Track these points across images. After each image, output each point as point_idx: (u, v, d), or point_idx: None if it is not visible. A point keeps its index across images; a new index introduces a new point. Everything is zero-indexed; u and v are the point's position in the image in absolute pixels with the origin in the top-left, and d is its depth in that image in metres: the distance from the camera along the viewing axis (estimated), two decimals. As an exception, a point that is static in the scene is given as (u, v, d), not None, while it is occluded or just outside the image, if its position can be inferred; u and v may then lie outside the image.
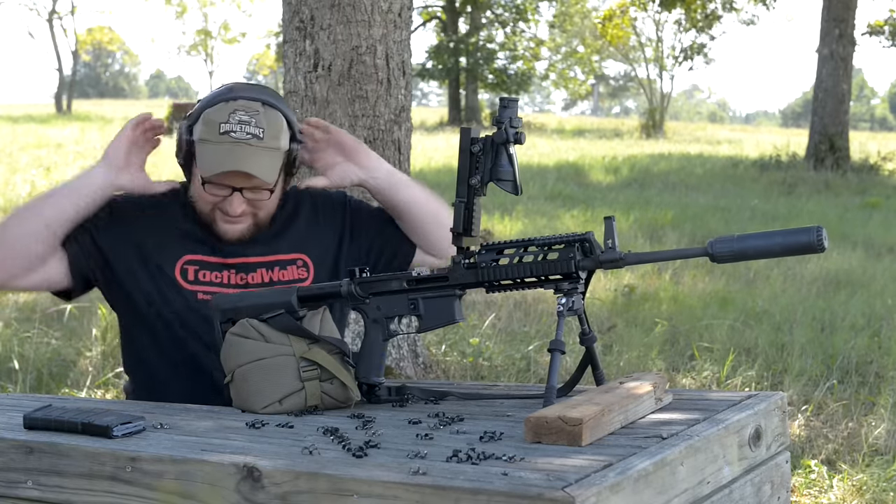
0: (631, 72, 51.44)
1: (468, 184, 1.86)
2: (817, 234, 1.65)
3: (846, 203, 13.32)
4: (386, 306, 1.97)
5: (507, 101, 1.84)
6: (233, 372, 1.97)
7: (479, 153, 1.84)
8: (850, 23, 17.28)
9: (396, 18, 3.51)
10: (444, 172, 14.77)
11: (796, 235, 1.67)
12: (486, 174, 1.85)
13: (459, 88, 32.96)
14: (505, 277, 1.84)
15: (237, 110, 2.14)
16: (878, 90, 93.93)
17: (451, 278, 1.90)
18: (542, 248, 1.82)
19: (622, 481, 1.38)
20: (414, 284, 1.94)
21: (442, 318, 1.93)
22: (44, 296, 6.37)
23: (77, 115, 33.28)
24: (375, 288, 1.98)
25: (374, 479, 1.42)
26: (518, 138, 1.83)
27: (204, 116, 2.16)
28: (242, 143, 2.12)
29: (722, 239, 1.71)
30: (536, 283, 1.84)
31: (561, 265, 1.79)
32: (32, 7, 56.05)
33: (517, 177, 1.85)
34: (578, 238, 1.79)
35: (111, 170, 2.22)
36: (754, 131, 38.32)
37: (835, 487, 3.38)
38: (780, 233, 1.68)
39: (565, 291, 1.80)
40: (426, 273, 1.93)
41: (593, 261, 1.78)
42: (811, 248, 1.65)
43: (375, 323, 1.98)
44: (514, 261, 1.83)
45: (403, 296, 1.95)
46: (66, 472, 1.68)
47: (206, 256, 2.23)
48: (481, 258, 1.86)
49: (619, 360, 4.85)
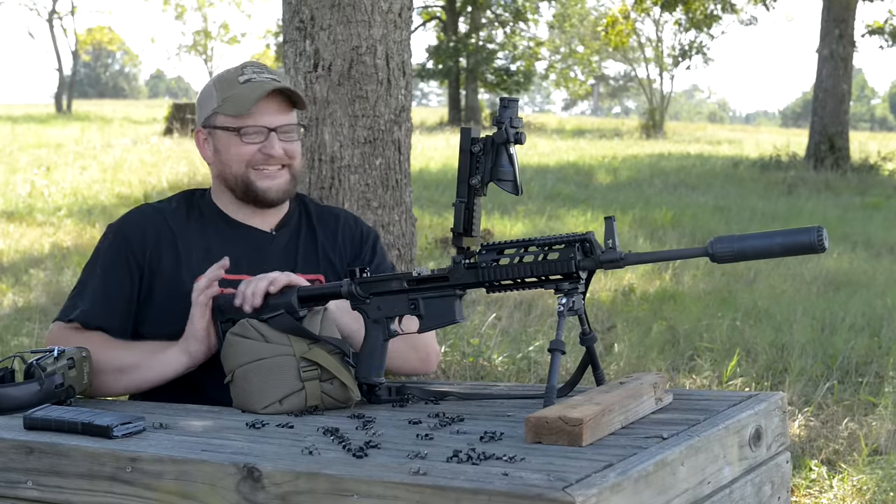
0: (631, 72, 51.45)
1: (468, 184, 1.86)
2: (818, 235, 1.64)
3: (846, 203, 13.32)
4: (386, 306, 1.97)
5: (507, 101, 1.84)
6: (233, 372, 1.97)
7: (480, 153, 1.84)
8: (850, 23, 17.28)
9: (396, 18, 3.51)
10: (444, 172, 14.77)
11: (797, 236, 1.66)
12: (487, 174, 1.84)
13: (459, 88, 32.95)
14: (505, 277, 1.84)
15: (247, 66, 2.24)
16: (878, 90, 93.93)
17: (451, 278, 1.90)
18: (542, 249, 1.82)
19: (623, 481, 1.38)
20: (414, 284, 1.94)
21: (443, 318, 1.93)
22: (44, 296, 6.37)
23: (77, 115, 33.27)
24: (376, 288, 1.97)
25: (374, 479, 1.42)
26: (518, 138, 1.83)
27: (216, 85, 2.23)
28: (268, 80, 2.20)
29: (722, 239, 1.70)
30: (537, 283, 1.83)
31: (561, 265, 1.79)
32: (32, 7, 56.03)
33: (517, 177, 1.85)
34: (579, 238, 1.79)
35: (189, 358, 2.11)
36: (754, 131, 38.31)
37: (835, 488, 3.38)
38: (780, 233, 1.68)
39: (566, 291, 1.80)
40: (427, 273, 1.93)
41: (594, 261, 1.78)
42: (812, 249, 1.65)
43: (376, 323, 1.98)
44: (515, 261, 1.83)
45: (404, 296, 1.95)
46: (66, 473, 1.68)
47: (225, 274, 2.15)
48: (482, 258, 1.86)
49: (619, 360, 4.85)
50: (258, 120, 2.19)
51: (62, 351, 1.99)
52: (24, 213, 10.60)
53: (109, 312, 2.18)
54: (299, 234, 2.31)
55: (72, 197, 11.81)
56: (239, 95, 2.19)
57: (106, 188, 12.54)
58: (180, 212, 2.27)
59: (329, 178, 3.45)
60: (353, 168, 3.45)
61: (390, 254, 3.42)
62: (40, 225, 9.87)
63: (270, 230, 2.29)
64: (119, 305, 2.18)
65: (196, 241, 2.23)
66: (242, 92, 2.19)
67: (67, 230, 9.44)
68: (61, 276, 7.04)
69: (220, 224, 2.27)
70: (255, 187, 2.22)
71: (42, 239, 9.01)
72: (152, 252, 2.20)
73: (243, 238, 2.25)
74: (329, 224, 2.35)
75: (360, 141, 3.45)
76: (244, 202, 2.26)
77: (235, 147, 2.21)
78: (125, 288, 2.19)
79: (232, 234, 2.26)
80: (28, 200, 11.52)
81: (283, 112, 2.22)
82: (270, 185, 2.23)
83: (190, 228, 2.25)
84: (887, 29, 19.63)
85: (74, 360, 2.00)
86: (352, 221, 2.39)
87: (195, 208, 2.29)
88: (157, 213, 2.26)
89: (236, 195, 2.26)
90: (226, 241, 2.24)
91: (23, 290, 6.71)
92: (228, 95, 2.20)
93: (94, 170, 14.42)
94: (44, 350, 2.01)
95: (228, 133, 2.21)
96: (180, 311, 2.14)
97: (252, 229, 2.27)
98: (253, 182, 2.22)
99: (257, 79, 2.20)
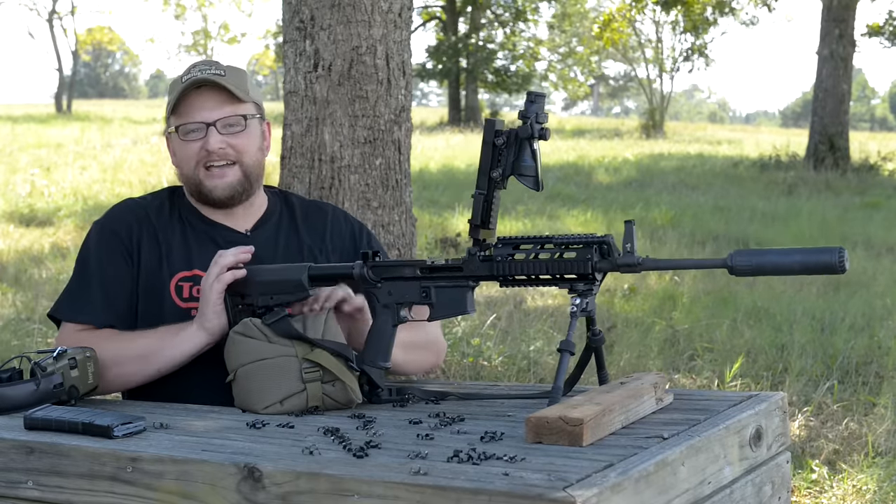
0: (631, 72, 51.45)
1: (489, 176, 1.84)
2: (839, 256, 1.61)
3: (846, 203, 13.32)
4: (397, 292, 1.95)
5: (534, 95, 1.82)
6: (235, 371, 1.97)
7: (503, 146, 1.83)
8: (850, 23, 17.27)
9: (396, 18, 3.51)
10: (444, 172, 14.78)
11: (818, 255, 1.64)
12: (508, 168, 1.83)
13: (459, 88, 32.95)
14: (520, 273, 1.82)
15: (196, 65, 2.22)
16: (879, 90, 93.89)
17: (465, 269, 1.88)
18: (559, 247, 1.81)
19: (623, 481, 1.38)
20: (427, 273, 1.92)
21: (453, 308, 1.91)
22: (44, 296, 6.36)
23: (77, 115, 33.27)
24: (388, 273, 1.96)
25: (374, 479, 1.42)
26: (543, 134, 1.82)
27: (169, 88, 2.25)
28: (206, 74, 2.18)
29: (742, 252, 1.68)
30: (551, 280, 1.82)
31: (578, 265, 1.78)
32: (32, 7, 56.02)
33: (539, 172, 1.84)
34: (597, 240, 1.78)
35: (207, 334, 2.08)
36: (754, 131, 38.30)
37: (835, 488, 3.38)
38: (800, 251, 1.66)
39: (580, 292, 1.78)
40: (441, 262, 1.92)
41: (610, 263, 1.77)
42: (832, 269, 1.62)
43: (386, 308, 1.97)
44: (531, 257, 1.82)
45: (416, 283, 1.93)
46: (67, 473, 1.68)
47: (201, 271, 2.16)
48: (497, 251, 1.85)
49: (619, 360, 4.85)
50: (195, 116, 2.17)
51: (63, 351, 1.99)
52: (24, 213, 10.60)
53: (117, 310, 2.17)
54: (278, 234, 2.27)
55: (72, 197, 11.82)
56: (176, 95, 2.19)
57: (106, 188, 12.54)
58: (163, 208, 2.26)
59: (329, 178, 3.45)
60: (353, 168, 3.45)
61: (390, 254, 3.42)
62: (40, 225, 9.87)
63: (245, 231, 2.25)
64: (123, 301, 2.18)
65: (175, 238, 2.22)
66: (180, 90, 2.18)
67: (67, 230, 9.45)
68: (61, 276, 7.04)
69: (196, 223, 2.25)
70: (203, 187, 2.20)
71: (42, 239, 9.01)
72: (137, 245, 2.20)
73: (218, 237, 2.22)
74: (316, 222, 2.31)
75: (360, 141, 3.45)
76: (203, 203, 2.24)
77: (181, 147, 2.20)
78: (125, 282, 2.18)
79: (207, 232, 2.23)
80: (28, 200, 11.53)
81: (224, 105, 2.18)
82: (217, 183, 2.19)
83: (171, 225, 2.23)
84: (887, 30, 19.61)
85: (77, 360, 1.99)
86: (341, 217, 2.35)
87: (175, 206, 2.27)
88: (139, 207, 2.25)
89: (195, 197, 2.24)
90: (201, 240, 2.22)
91: (23, 290, 6.71)
92: (172, 97, 2.20)
93: (94, 170, 14.43)
94: (49, 350, 2.01)
95: (174, 134, 2.21)
96: (157, 311, 2.14)
97: (227, 229, 2.24)
98: (202, 182, 2.20)
99: (199, 75, 2.17)
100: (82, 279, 2.21)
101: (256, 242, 2.20)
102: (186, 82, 2.17)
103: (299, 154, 3.48)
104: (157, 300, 2.16)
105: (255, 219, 2.28)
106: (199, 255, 2.19)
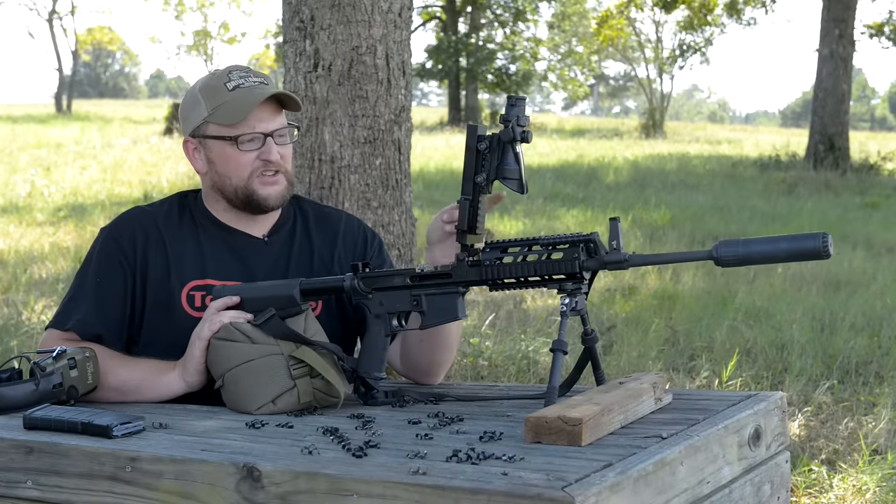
0: (631, 72, 51.45)
1: (474, 181, 1.85)
2: (823, 241, 1.64)
3: (846, 203, 13.32)
4: (389, 302, 1.97)
5: (514, 99, 1.83)
6: (223, 376, 1.95)
7: (486, 151, 1.84)
8: (850, 23, 17.27)
9: (396, 18, 3.51)
10: (444, 172, 14.78)
11: (802, 241, 1.66)
12: (492, 172, 1.84)
13: (459, 88, 32.95)
14: (508, 276, 1.84)
15: (232, 70, 2.18)
16: (879, 90, 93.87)
17: (454, 275, 1.89)
18: (546, 248, 1.82)
19: (622, 481, 1.38)
20: (417, 281, 1.93)
21: (444, 315, 1.93)
22: (44, 296, 6.37)
23: (77, 114, 33.27)
24: (378, 283, 1.97)
25: (373, 478, 1.42)
26: (525, 137, 1.82)
27: (203, 93, 2.17)
28: (257, 84, 2.15)
29: (727, 243, 1.70)
30: (540, 282, 1.83)
31: (565, 265, 1.79)
32: (32, 7, 56.09)
33: (523, 175, 1.84)
34: (583, 238, 1.79)
35: (187, 386, 2.06)
36: (754, 131, 38.28)
37: (835, 487, 3.38)
38: (785, 238, 1.68)
39: (569, 292, 1.79)
40: (430, 269, 1.93)
41: (597, 261, 1.78)
42: (817, 255, 1.65)
43: (378, 318, 1.98)
44: (518, 259, 1.83)
45: (406, 292, 1.94)
46: (66, 472, 1.68)
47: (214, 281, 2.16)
48: (485, 256, 1.86)
49: (619, 360, 4.85)
50: (254, 126, 2.14)
51: (63, 351, 1.99)
52: (24, 213, 10.60)
53: (106, 322, 2.14)
54: (293, 241, 2.25)
55: (72, 197, 11.82)
56: (232, 103, 2.13)
57: (106, 188, 12.54)
58: (172, 216, 2.22)
59: (329, 178, 3.45)
60: (353, 168, 3.45)
61: (390, 253, 3.42)
62: (40, 225, 9.87)
63: (263, 236, 2.23)
64: (115, 314, 2.15)
65: (187, 246, 2.18)
66: (235, 99, 2.13)
67: (67, 230, 9.44)
68: (61, 276, 7.05)
69: (211, 229, 2.22)
70: (257, 196, 2.17)
71: (42, 239, 9.01)
72: (142, 257, 2.16)
73: (235, 244, 2.21)
74: (328, 229, 2.29)
75: (360, 141, 3.45)
76: (241, 210, 2.21)
77: (235, 157, 2.15)
78: (120, 296, 2.15)
79: (224, 239, 2.21)
80: (28, 200, 11.53)
81: (277, 115, 2.17)
82: (271, 192, 2.17)
83: (181, 233, 2.20)
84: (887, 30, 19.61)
85: (76, 360, 1.99)
86: (354, 225, 2.33)
87: (187, 212, 2.24)
88: (147, 216, 2.21)
89: (234, 204, 2.20)
90: (217, 247, 2.19)
91: (23, 289, 6.71)
92: (219, 104, 2.14)
93: (93, 170, 14.43)
94: (49, 350, 2.01)
95: (223, 142, 2.15)
96: (167, 321, 2.13)
97: (244, 235, 2.22)
98: (256, 191, 2.16)
99: (246, 84, 2.14)
100: (78, 287, 2.19)
101: (272, 248, 2.21)
102: (249, 93, 2.13)
103: (299, 154, 3.48)
104: (166, 310, 2.14)
105: (270, 224, 2.26)
106: (212, 263, 2.17)
